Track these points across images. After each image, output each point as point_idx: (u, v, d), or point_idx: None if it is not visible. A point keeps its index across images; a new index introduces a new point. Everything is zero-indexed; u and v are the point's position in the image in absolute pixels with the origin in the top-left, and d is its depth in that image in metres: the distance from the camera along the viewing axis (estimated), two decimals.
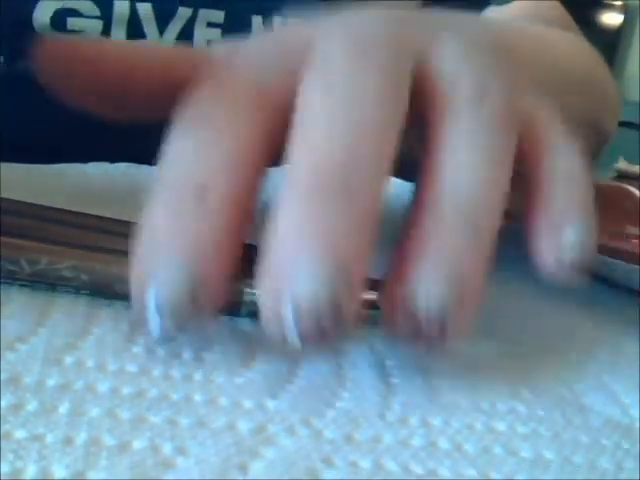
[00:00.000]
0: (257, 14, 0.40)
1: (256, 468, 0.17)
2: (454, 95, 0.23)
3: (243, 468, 0.17)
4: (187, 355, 0.22)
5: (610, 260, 0.27)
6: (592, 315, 0.28)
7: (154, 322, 0.20)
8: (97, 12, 0.38)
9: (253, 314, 0.24)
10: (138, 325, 0.20)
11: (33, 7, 0.26)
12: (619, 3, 1.17)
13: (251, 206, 0.22)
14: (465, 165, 0.22)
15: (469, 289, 0.21)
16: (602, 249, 0.29)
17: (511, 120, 0.24)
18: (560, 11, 0.52)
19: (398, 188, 0.28)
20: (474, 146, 0.23)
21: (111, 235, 0.25)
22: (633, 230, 0.32)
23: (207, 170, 0.21)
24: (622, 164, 0.72)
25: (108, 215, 0.26)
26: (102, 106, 0.27)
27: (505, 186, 0.23)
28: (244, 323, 0.24)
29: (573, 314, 0.29)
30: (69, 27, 0.37)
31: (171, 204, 0.21)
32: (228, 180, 0.21)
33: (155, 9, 0.38)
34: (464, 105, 0.23)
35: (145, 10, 0.38)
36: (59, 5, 0.27)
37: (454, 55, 0.24)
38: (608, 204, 0.29)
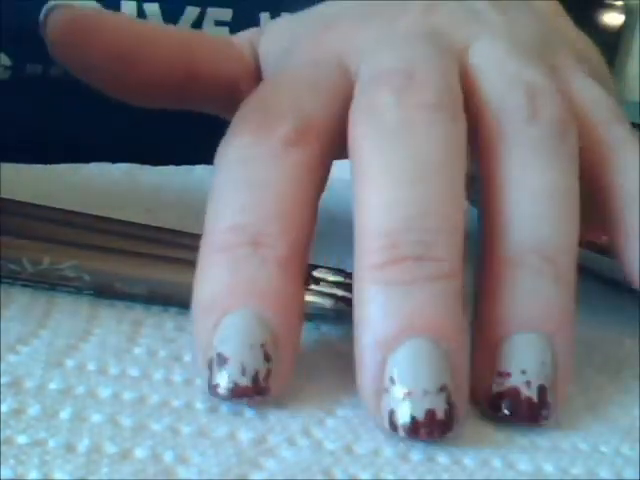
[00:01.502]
0: (265, 11, 0.40)
1: None
2: (505, 115, 0.23)
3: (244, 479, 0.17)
4: (188, 357, 0.22)
5: (611, 260, 0.27)
6: (592, 315, 0.28)
7: (227, 379, 0.19)
8: None
9: None
10: (210, 379, 0.20)
11: (39, 9, 0.27)
12: (620, 3, 1.16)
13: (308, 244, 0.22)
14: (532, 197, 0.22)
15: (563, 351, 0.21)
16: (603, 248, 0.29)
17: (569, 122, 0.23)
18: None
19: None
20: (539, 171, 0.22)
21: (113, 235, 0.25)
22: None
23: (259, 217, 0.21)
24: None
25: (109, 215, 0.26)
26: (114, 83, 0.28)
27: (577, 206, 0.23)
28: None
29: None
30: None
31: (226, 252, 0.21)
32: (282, 225, 0.21)
33: (162, 9, 0.38)
34: (519, 126, 0.23)
35: (152, 10, 0.37)
36: None
37: (494, 56, 0.24)
38: None
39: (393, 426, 0.19)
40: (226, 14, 0.39)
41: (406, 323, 0.19)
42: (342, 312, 0.24)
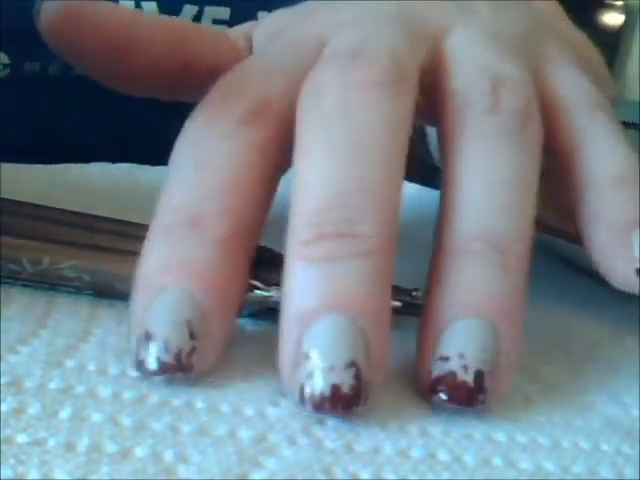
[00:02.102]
0: (263, 9, 0.40)
1: (257, 479, 0.17)
2: (468, 103, 0.23)
3: (244, 479, 0.17)
4: None
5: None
6: (592, 314, 0.28)
7: (152, 355, 0.20)
8: None
9: (254, 315, 0.24)
10: (137, 355, 0.20)
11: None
12: (620, 3, 1.17)
13: (255, 225, 0.22)
14: (485, 185, 0.22)
15: (506, 339, 0.21)
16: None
17: (531, 114, 0.23)
18: None
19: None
20: (495, 160, 0.22)
21: (113, 235, 0.25)
22: None
23: (200, 197, 0.21)
24: None
25: (110, 215, 0.26)
26: (109, 72, 0.28)
27: (532, 197, 0.23)
28: (245, 323, 0.24)
29: (572, 313, 0.29)
30: None
31: (166, 232, 0.21)
32: (221, 206, 0.21)
33: (160, 7, 0.38)
34: (479, 115, 0.23)
35: (150, 9, 0.37)
36: None
37: (468, 46, 0.24)
38: None
39: (302, 400, 0.19)
40: (224, 13, 0.39)
41: (326, 299, 0.20)
42: None
